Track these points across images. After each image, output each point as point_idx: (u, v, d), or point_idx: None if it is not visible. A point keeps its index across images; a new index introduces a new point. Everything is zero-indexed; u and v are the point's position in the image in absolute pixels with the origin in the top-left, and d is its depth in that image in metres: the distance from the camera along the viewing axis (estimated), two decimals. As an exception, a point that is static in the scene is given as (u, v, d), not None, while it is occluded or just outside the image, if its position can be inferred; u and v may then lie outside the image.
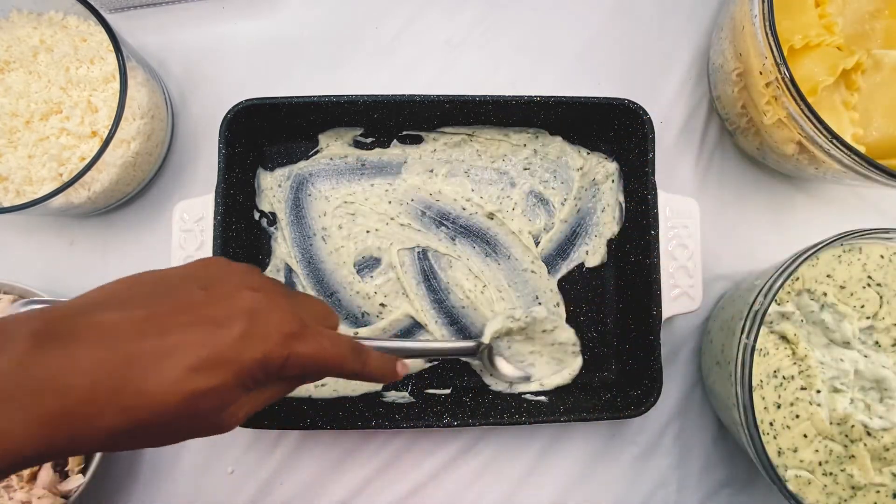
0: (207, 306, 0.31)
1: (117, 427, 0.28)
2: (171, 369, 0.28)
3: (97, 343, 0.28)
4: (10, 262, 0.59)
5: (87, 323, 0.29)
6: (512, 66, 0.62)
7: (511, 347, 0.54)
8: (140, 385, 0.28)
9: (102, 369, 0.28)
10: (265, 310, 0.32)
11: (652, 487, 0.58)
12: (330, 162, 0.58)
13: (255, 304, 0.32)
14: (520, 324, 0.53)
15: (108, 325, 0.29)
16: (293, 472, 0.57)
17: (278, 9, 0.62)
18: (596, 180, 0.58)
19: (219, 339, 0.30)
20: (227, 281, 0.33)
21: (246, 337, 0.30)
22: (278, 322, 0.32)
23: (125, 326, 0.29)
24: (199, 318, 0.30)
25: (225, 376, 0.30)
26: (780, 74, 0.45)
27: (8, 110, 0.51)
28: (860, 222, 0.49)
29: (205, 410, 0.30)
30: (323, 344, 0.34)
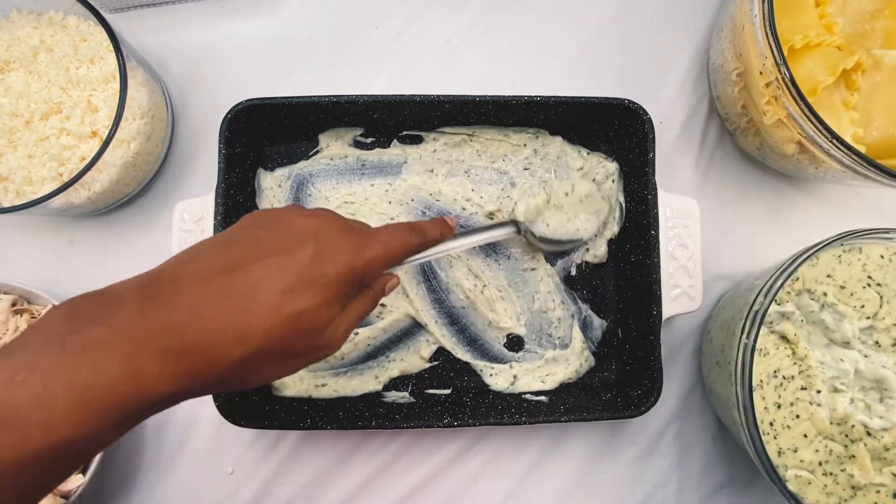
0: (274, 240, 0.34)
1: (236, 357, 0.31)
2: (265, 295, 0.31)
3: (191, 288, 0.31)
4: (10, 262, 0.59)
5: (179, 275, 0.32)
6: (512, 66, 0.62)
7: (549, 225, 0.54)
8: (244, 316, 0.31)
9: (204, 308, 0.31)
10: (326, 230, 0.35)
11: (652, 487, 0.58)
12: (330, 162, 0.58)
13: (316, 227, 0.35)
14: (542, 196, 0.54)
15: (196, 273, 0.32)
16: (293, 472, 0.57)
17: (278, 9, 0.62)
18: (596, 180, 0.58)
19: (296, 261, 0.33)
20: (283, 217, 0.36)
21: (319, 255, 0.33)
22: (343, 238, 0.35)
23: (211, 271, 0.32)
24: (271, 250, 0.33)
25: (316, 293, 0.33)
26: (780, 74, 0.45)
27: (8, 110, 0.51)
28: (860, 222, 0.49)
29: (309, 328, 0.33)
30: (384, 239, 0.38)
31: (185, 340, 0.30)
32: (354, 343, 0.56)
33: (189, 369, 0.30)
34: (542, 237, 0.54)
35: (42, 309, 0.53)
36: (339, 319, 0.35)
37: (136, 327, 0.29)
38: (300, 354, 0.34)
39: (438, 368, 0.57)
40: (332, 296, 0.34)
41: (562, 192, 0.54)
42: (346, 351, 0.56)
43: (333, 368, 0.56)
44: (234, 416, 0.49)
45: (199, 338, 0.30)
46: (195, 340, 0.30)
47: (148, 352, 0.29)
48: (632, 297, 0.55)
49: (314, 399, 0.55)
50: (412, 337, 0.57)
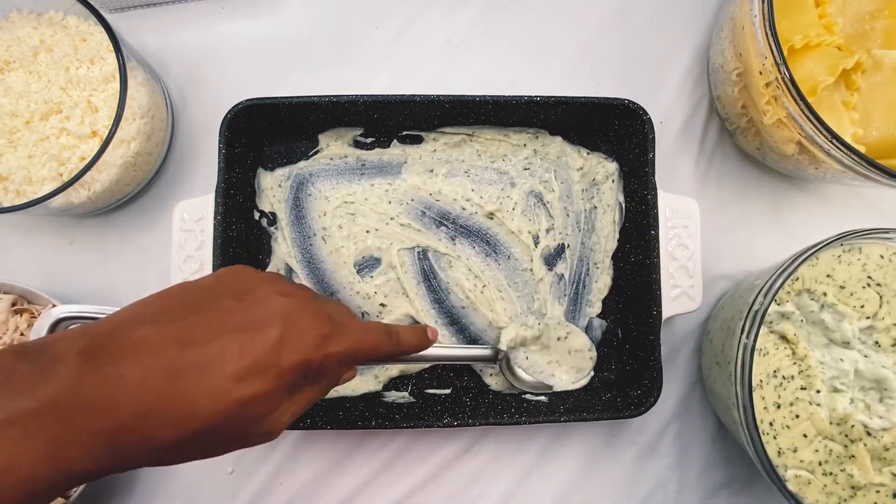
0: (243, 313, 0.32)
1: (169, 440, 0.29)
2: (216, 379, 0.29)
3: (142, 359, 0.28)
4: (10, 262, 0.59)
5: (130, 339, 0.29)
6: (512, 66, 0.62)
7: (529, 358, 0.55)
8: (188, 397, 0.29)
9: (150, 384, 0.28)
10: (297, 314, 0.33)
11: (652, 487, 0.58)
12: (330, 162, 0.58)
13: (287, 309, 0.33)
14: (533, 331, 0.54)
15: (150, 339, 0.29)
16: (293, 472, 0.57)
17: (278, 9, 0.62)
18: (596, 180, 0.58)
19: (258, 345, 0.31)
20: (258, 288, 0.34)
21: (283, 341, 0.31)
22: (311, 325, 0.33)
23: (167, 340, 0.29)
24: (237, 326, 0.31)
25: (267, 382, 0.31)
26: (780, 74, 0.45)
27: (8, 110, 0.51)
28: (860, 222, 0.49)
29: (252, 417, 0.31)
30: (355, 336, 0.36)
31: (120, 421, 0.27)
32: (354, 343, 0.56)
33: (118, 451, 0.28)
34: (516, 372, 0.54)
35: (42, 308, 0.53)
36: (285, 408, 0.33)
37: (69, 400, 0.27)
38: (237, 440, 0.32)
39: (438, 368, 0.57)
40: (283, 385, 0.32)
41: (555, 335, 0.55)
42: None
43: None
44: (234, 416, 0.49)
45: (136, 419, 0.28)
46: (131, 422, 0.28)
47: (77, 432, 0.27)
48: (632, 297, 0.55)
49: (314, 399, 0.55)
50: (412, 337, 0.57)
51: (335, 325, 0.35)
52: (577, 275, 0.58)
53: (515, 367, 0.54)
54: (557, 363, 0.55)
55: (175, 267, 0.51)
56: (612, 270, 0.58)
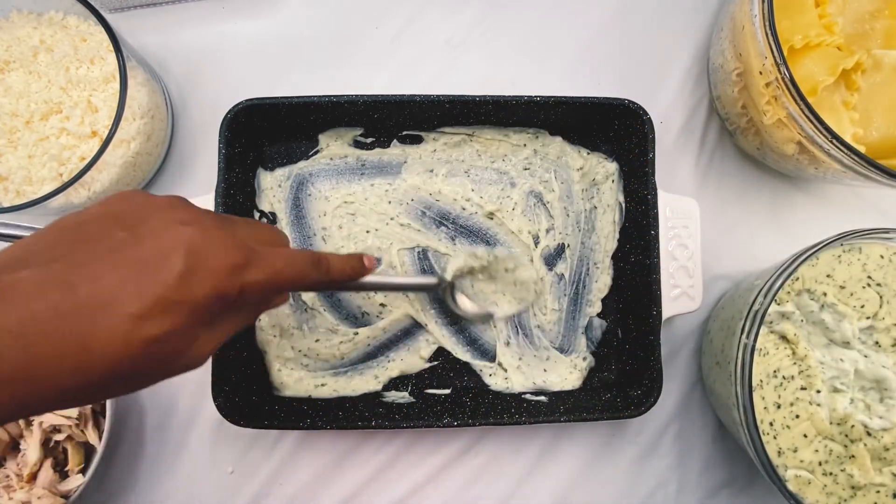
0: (135, 247, 0.29)
1: (72, 386, 0.26)
2: (113, 320, 0.27)
3: (20, 304, 0.26)
4: (10, 262, 0.59)
5: (6, 282, 0.26)
6: (512, 66, 0.62)
7: (474, 286, 0.55)
8: (83, 341, 0.26)
9: (33, 330, 0.25)
10: (202, 244, 0.30)
11: (652, 487, 0.58)
12: (330, 162, 0.58)
13: (189, 239, 0.29)
14: (482, 262, 0.54)
15: (28, 282, 0.26)
16: (293, 472, 0.57)
17: (278, 9, 0.62)
18: (596, 180, 0.58)
19: (158, 281, 0.28)
20: (154, 217, 0.30)
21: (189, 274, 0.29)
22: (221, 254, 0.30)
23: (47, 281, 0.26)
24: (128, 261, 0.28)
25: (177, 318, 0.28)
26: (780, 74, 0.45)
27: (8, 110, 0.51)
28: (860, 222, 0.49)
29: (166, 354, 0.29)
30: (276, 265, 0.33)
31: (5, 368, 0.25)
32: (354, 343, 0.56)
33: (11, 399, 0.25)
34: (458, 300, 0.54)
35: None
36: (205, 339, 0.31)
37: None
38: (155, 375, 0.30)
39: (438, 368, 0.57)
40: (196, 320, 0.29)
41: (502, 266, 0.55)
42: (346, 351, 0.56)
43: (333, 368, 0.56)
44: (234, 416, 0.49)
45: (25, 366, 0.25)
46: (19, 369, 0.25)
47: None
48: (632, 297, 0.55)
49: (314, 399, 0.55)
50: (412, 337, 0.57)
51: (250, 253, 0.32)
52: (577, 275, 0.58)
53: (458, 294, 0.54)
54: (502, 293, 0.55)
55: (175, 267, 0.51)
56: (612, 270, 0.58)
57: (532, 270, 0.55)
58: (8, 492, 0.50)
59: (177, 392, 0.57)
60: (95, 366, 0.26)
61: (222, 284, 0.30)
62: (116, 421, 0.56)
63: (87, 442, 0.52)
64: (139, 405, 0.57)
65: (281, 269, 0.34)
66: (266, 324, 0.55)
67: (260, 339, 0.55)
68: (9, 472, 0.51)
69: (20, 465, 0.50)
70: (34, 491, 0.49)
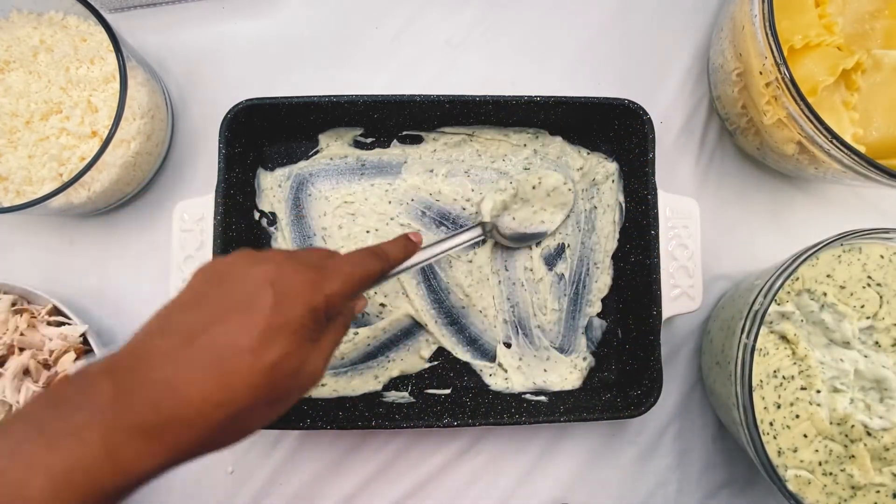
0: (228, 297, 0.33)
1: (218, 419, 0.31)
2: (237, 358, 0.31)
3: (162, 363, 0.31)
4: (10, 262, 0.59)
5: (146, 352, 0.31)
6: (512, 66, 0.62)
7: (516, 218, 0.55)
8: (221, 380, 0.31)
9: (179, 378, 0.30)
10: (279, 275, 0.34)
11: (652, 487, 0.58)
12: (330, 162, 0.58)
13: (268, 275, 0.34)
14: (510, 191, 0.54)
15: (164, 347, 0.31)
16: (293, 472, 0.57)
17: (278, 9, 0.62)
18: (596, 180, 0.58)
19: (257, 316, 0.32)
20: (232, 272, 0.35)
21: (278, 303, 0.33)
22: (298, 277, 0.35)
23: (177, 343, 0.31)
24: (230, 309, 0.33)
25: (285, 341, 0.32)
26: (780, 74, 0.45)
27: (8, 110, 0.51)
28: (860, 222, 0.49)
29: (287, 373, 0.33)
30: (345, 270, 0.37)
31: (162, 415, 0.30)
32: (354, 343, 0.56)
33: (172, 442, 0.30)
34: (509, 233, 0.54)
35: (42, 309, 0.53)
36: (316, 354, 0.35)
37: (112, 408, 0.29)
38: (285, 398, 0.35)
39: (438, 368, 0.57)
40: (301, 337, 0.34)
41: (529, 186, 0.55)
42: (345, 351, 0.56)
43: (333, 368, 0.56)
44: (234, 416, 0.49)
45: (178, 409, 0.30)
46: (174, 413, 0.30)
47: (126, 431, 0.29)
48: (632, 297, 0.55)
49: (314, 399, 0.55)
50: (412, 337, 0.57)
51: (321, 269, 0.36)
52: (577, 274, 0.58)
53: (505, 230, 0.55)
54: (542, 209, 0.56)
55: (175, 267, 0.51)
56: (612, 270, 0.58)
57: (557, 175, 0.55)
58: (8, 492, 0.50)
59: (177, 392, 0.57)
60: (237, 397, 0.31)
61: (309, 300, 0.34)
62: (116, 421, 0.56)
63: (87, 442, 0.52)
64: (139, 405, 0.57)
65: (351, 272, 0.38)
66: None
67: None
68: (9, 472, 0.51)
69: (20, 465, 0.50)
70: (34, 491, 0.49)
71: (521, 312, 0.57)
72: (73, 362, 0.52)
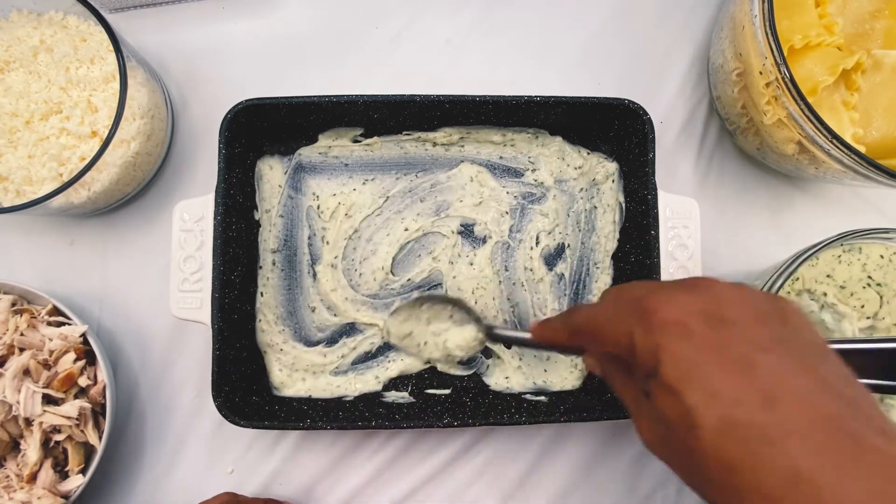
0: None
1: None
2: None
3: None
4: (10, 262, 0.59)
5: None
6: (512, 66, 0.62)
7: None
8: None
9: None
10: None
11: (652, 487, 0.58)
12: (330, 161, 0.58)
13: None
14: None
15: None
16: (293, 472, 0.57)
17: (278, 9, 0.62)
18: (596, 180, 0.58)
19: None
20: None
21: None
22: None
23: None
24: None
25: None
26: (780, 74, 0.45)
27: (8, 110, 0.51)
28: (860, 222, 0.49)
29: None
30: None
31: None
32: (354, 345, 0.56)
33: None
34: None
35: (42, 309, 0.53)
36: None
37: None
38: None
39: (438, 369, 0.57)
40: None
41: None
42: (345, 351, 0.56)
43: (334, 368, 0.56)
44: (234, 416, 0.49)
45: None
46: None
47: None
48: (632, 297, 0.55)
49: (314, 399, 0.55)
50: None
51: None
52: (578, 274, 0.58)
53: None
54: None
55: (175, 267, 0.51)
56: (612, 270, 0.58)
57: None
58: (8, 492, 0.50)
59: (177, 392, 0.57)
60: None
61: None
62: (116, 421, 0.56)
63: (87, 442, 0.52)
64: (139, 405, 0.57)
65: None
66: (267, 324, 0.55)
67: (260, 340, 0.55)
68: (9, 472, 0.51)
69: (20, 465, 0.50)
70: (34, 491, 0.49)
71: (521, 312, 0.57)
72: (73, 362, 0.52)
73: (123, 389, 0.57)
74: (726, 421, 0.27)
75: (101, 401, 0.52)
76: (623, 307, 0.33)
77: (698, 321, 0.30)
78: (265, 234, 0.56)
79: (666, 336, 0.30)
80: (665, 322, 0.30)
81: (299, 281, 0.57)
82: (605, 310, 0.35)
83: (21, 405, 0.49)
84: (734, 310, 0.30)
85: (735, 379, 0.28)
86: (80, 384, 0.52)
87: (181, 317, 0.50)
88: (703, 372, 0.28)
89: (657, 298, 0.31)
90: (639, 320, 0.31)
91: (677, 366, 0.29)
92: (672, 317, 0.30)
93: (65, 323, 0.53)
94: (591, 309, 0.37)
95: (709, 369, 0.28)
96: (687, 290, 0.31)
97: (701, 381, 0.28)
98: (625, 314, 0.33)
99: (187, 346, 0.58)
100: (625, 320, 0.32)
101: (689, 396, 0.28)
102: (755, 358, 0.28)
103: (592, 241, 0.58)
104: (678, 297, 0.31)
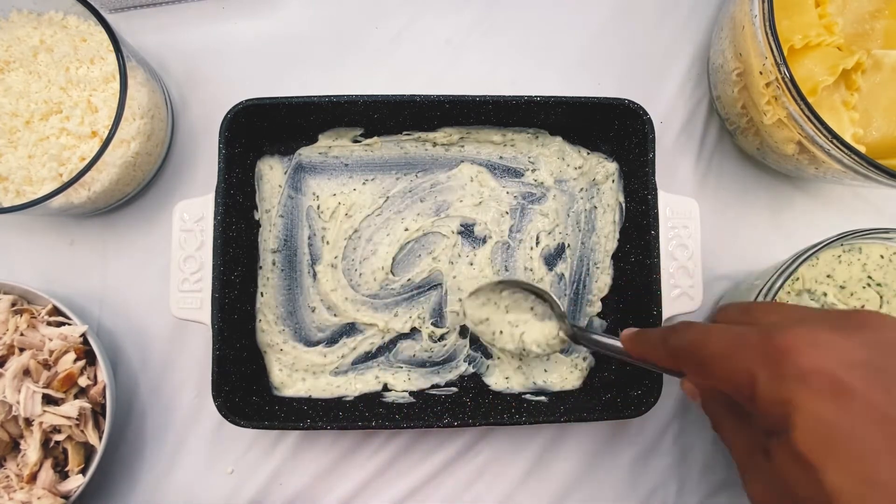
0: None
1: None
2: None
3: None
4: (10, 262, 0.59)
5: None
6: (512, 66, 0.62)
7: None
8: None
9: None
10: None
11: (652, 487, 0.58)
12: (330, 161, 0.58)
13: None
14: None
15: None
16: (293, 472, 0.57)
17: (278, 9, 0.62)
18: (596, 180, 0.58)
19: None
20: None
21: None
22: None
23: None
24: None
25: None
26: (780, 74, 0.45)
27: (8, 110, 0.51)
28: (860, 222, 0.49)
29: None
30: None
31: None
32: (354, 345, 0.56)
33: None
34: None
35: (42, 309, 0.53)
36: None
37: None
38: None
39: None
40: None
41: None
42: (345, 351, 0.56)
43: (334, 368, 0.56)
44: (234, 416, 0.49)
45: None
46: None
47: None
48: (632, 297, 0.55)
49: (314, 399, 0.55)
50: (412, 337, 0.57)
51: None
52: (578, 274, 0.58)
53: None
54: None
55: (175, 267, 0.51)
56: (612, 270, 0.58)
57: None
58: (8, 492, 0.50)
59: (177, 392, 0.57)
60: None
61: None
62: (116, 421, 0.56)
63: (87, 442, 0.52)
64: (139, 405, 0.57)
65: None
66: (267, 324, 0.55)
67: (260, 340, 0.55)
68: (9, 472, 0.51)
69: (20, 465, 0.50)
70: (34, 491, 0.49)
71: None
72: (73, 362, 0.52)
73: (123, 389, 0.57)
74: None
75: (101, 401, 0.52)
76: (746, 338, 0.26)
77: (860, 377, 0.23)
78: (265, 234, 0.56)
79: (805, 391, 0.23)
80: (805, 372, 0.23)
81: (299, 281, 0.57)
82: (721, 336, 0.28)
83: (21, 405, 0.49)
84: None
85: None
86: (80, 384, 0.52)
87: (181, 317, 0.50)
88: (858, 450, 0.22)
89: (797, 336, 0.24)
90: (766, 360, 0.24)
91: (817, 433, 0.23)
92: (817, 365, 0.23)
93: (65, 323, 0.53)
94: (700, 331, 0.30)
95: (870, 447, 0.22)
96: (846, 332, 0.24)
97: (855, 463, 0.22)
98: (747, 347, 0.26)
99: (187, 346, 0.58)
100: (746, 356, 0.25)
101: (833, 478, 0.22)
102: None
103: (592, 241, 0.58)
104: (831, 339, 0.24)
